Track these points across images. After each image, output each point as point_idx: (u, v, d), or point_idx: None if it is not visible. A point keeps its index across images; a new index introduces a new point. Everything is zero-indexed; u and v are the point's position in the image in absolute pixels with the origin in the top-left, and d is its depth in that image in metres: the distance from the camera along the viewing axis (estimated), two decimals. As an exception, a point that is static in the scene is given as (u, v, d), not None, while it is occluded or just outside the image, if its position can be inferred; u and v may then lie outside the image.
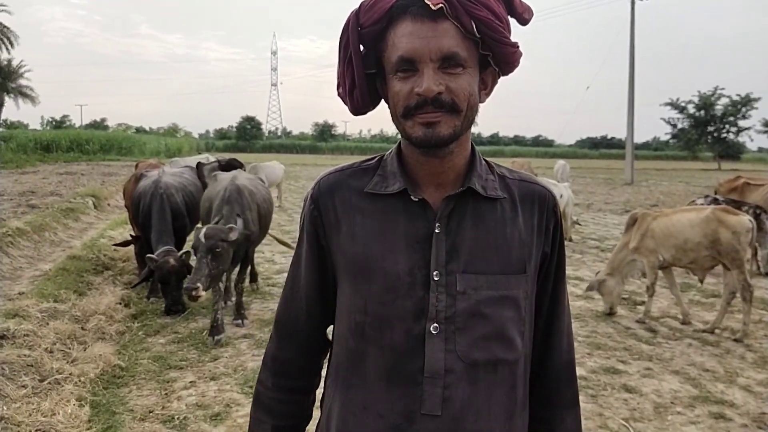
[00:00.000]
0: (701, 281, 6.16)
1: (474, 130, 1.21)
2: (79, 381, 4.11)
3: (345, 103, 1.19)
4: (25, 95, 38.40)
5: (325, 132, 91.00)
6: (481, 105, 1.15)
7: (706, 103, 53.55)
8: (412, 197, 1.14)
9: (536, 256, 1.19)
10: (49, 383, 3.99)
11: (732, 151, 58.27)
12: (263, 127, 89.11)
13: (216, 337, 5.19)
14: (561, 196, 10.97)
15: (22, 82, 38.35)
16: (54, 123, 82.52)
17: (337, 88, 1.19)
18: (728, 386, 4.52)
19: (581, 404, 4.08)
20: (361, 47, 1.13)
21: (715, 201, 7.95)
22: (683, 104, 54.82)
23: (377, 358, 1.13)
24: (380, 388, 1.13)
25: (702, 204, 7.63)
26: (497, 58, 1.13)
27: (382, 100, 1.19)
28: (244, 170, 8.47)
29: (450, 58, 1.05)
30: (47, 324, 4.98)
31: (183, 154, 33.27)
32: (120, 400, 4.08)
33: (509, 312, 1.15)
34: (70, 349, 4.65)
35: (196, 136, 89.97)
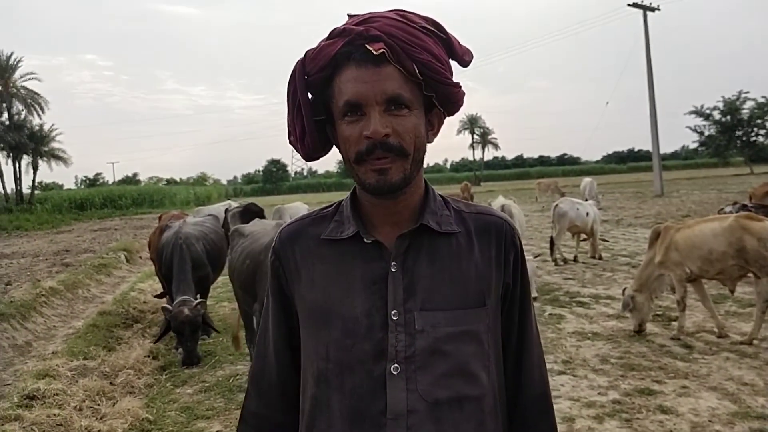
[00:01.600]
0: (732, 291, 5.97)
1: (497, 153, 1.23)
2: (107, 437, 4.14)
3: (297, 150, 1.21)
4: (57, 157, 39.61)
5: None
6: (429, 145, 1.17)
7: (731, 108, 52.62)
8: (365, 239, 1.15)
9: (497, 287, 1.18)
10: (77, 442, 4.04)
11: (764, 154, 56.85)
12: (289, 168, 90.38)
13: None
14: (587, 214, 10.85)
15: (54, 145, 39.58)
16: (88, 181, 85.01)
17: (288, 137, 1.21)
18: (769, 400, 4.34)
19: (615, 429, 3.96)
20: (309, 95, 1.16)
21: (744, 207, 7.76)
22: (708, 111, 53.98)
23: (341, 403, 1.12)
24: (345, 430, 1.12)
25: (730, 212, 7.46)
26: (441, 98, 1.16)
27: (334, 146, 1.21)
28: (263, 214, 8.61)
29: (394, 100, 1.07)
30: (77, 382, 5.06)
31: (212, 202, 33.88)
32: (148, 454, 4.10)
33: (471, 347, 1.13)
34: (98, 405, 4.71)
35: (225, 182, 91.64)
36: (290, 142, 1.22)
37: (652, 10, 30.72)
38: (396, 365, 1.10)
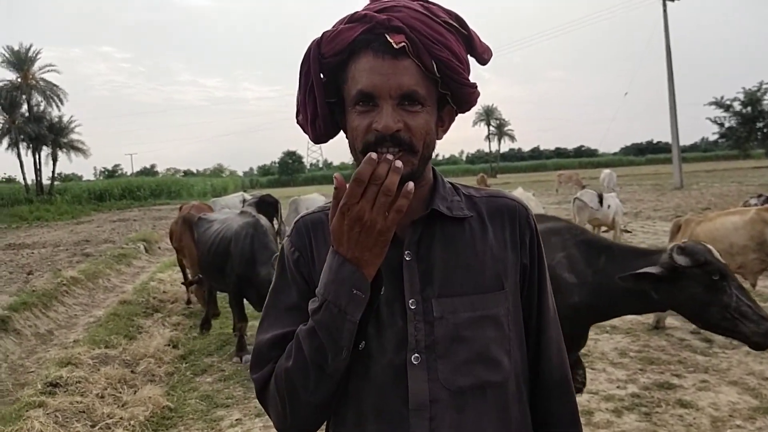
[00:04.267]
0: (753, 285, 5.90)
1: (513, 145, 1.21)
2: (129, 425, 4.21)
3: (305, 131, 1.18)
4: (76, 149, 39.99)
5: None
6: (439, 142, 1.15)
7: (752, 99, 51.57)
8: None
9: (514, 270, 1.17)
10: (100, 428, 4.11)
11: (786, 146, 55.91)
12: (304, 160, 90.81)
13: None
14: (609, 206, 10.67)
15: (73, 136, 39.93)
16: (106, 173, 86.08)
17: (297, 116, 1.19)
18: (791, 395, 4.29)
19: (634, 423, 3.94)
20: (322, 76, 1.13)
21: None
22: (728, 102, 53.05)
23: (367, 393, 1.11)
24: (371, 423, 1.11)
25: (755, 204, 7.35)
26: (456, 97, 1.14)
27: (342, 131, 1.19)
28: (278, 205, 8.58)
29: (409, 95, 1.05)
30: (98, 370, 5.14)
31: (228, 193, 34.09)
32: (169, 441, 4.16)
33: (491, 332, 1.12)
34: (120, 393, 4.78)
35: (241, 174, 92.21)
36: (298, 122, 1.19)
37: (672, -1, 30.25)
38: (417, 355, 1.08)
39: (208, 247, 5.99)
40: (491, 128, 79.28)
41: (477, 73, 1.15)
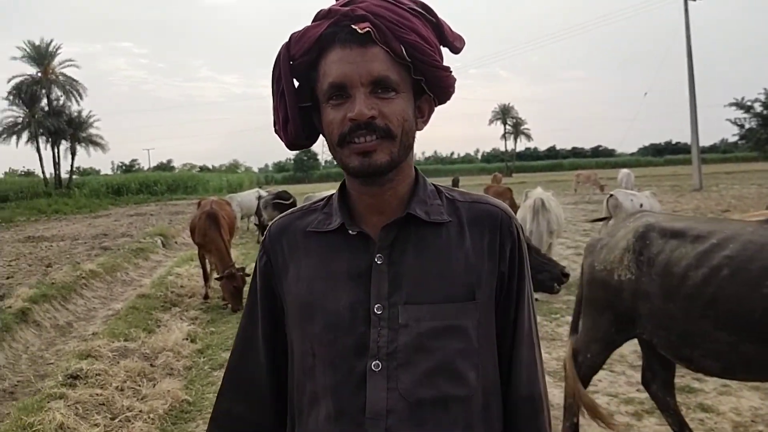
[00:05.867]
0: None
1: (530, 144, 1.18)
2: (149, 418, 4.25)
3: (280, 138, 1.17)
4: (95, 143, 40.45)
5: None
6: (418, 132, 1.13)
7: (773, 100, 50.95)
8: (350, 231, 1.11)
9: (489, 281, 1.11)
10: (120, 421, 4.15)
11: (807, 149, 55.07)
12: (319, 157, 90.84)
13: None
14: (641, 206, 10.37)
15: (92, 131, 40.42)
16: (124, 167, 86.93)
17: (274, 125, 1.17)
18: (816, 401, 4.22)
19: (654, 426, 3.90)
20: (295, 82, 1.12)
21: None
22: (749, 103, 52.36)
23: (327, 399, 1.08)
24: (330, 427, 1.08)
25: (776, 207, 7.24)
26: (430, 82, 1.11)
27: (320, 136, 1.17)
28: (295, 203, 8.58)
29: (381, 81, 1.03)
30: (118, 363, 5.19)
31: (243, 189, 34.30)
32: (187, 435, 4.19)
33: (457, 344, 1.07)
34: (139, 386, 4.83)
35: (256, 170, 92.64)
36: (275, 131, 1.17)
37: (694, -2, 29.90)
38: (377, 362, 1.05)
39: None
40: (507, 127, 79.06)
41: (494, 72, 1.12)
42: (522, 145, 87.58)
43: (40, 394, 4.52)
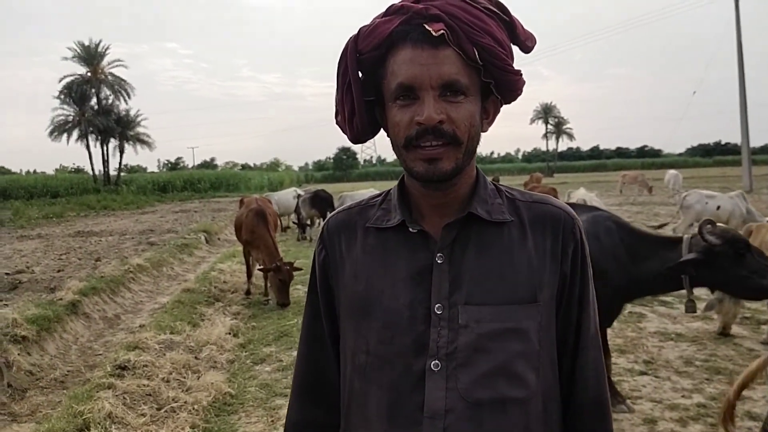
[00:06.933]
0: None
1: (572, 144, 1.18)
2: (193, 409, 4.35)
3: (344, 131, 1.15)
4: (142, 141, 41.57)
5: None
6: (483, 134, 1.11)
7: (831, 99, 48.90)
8: (410, 228, 1.10)
9: (551, 283, 1.09)
10: (166, 411, 4.26)
11: None
12: (358, 156, 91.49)
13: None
14: (718, 208, 10.01)
15: (140, 129, 41.58)
16: (169, 165, 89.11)
17: (336, 116, 1.16)
18: None
19: (700, 434, 3.79)
20: (360, 74, 1.10)
21: None
22: (805, 102, 50.35)
23: (379, 398, 1.08)
24: (381, 429, 1.07)
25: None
26: (500, 86, 1.09)
27: (382, 129, 1.16)
28: (332, 201, 8.59)
29: (451, 85, 1.01)
30: (164, 355, 5.32)
31: (284, 187, 34.71)
32: (230, 427, 4.27)
33: (517, 345, 1.05)
34: (184, 378, 4.94)
35: (296, 169, 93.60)
36: (337, 123, 1.16)
37: (747, -6, 28.93)
38: (436, 361, 1.04)
39: None
40: (549, 126, 77.89)
41: (536, 70, 1.11)
42: (564, 144, 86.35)
43: (89, 384, 4.68)
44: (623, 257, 3.84)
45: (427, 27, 1.00)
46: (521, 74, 1.10)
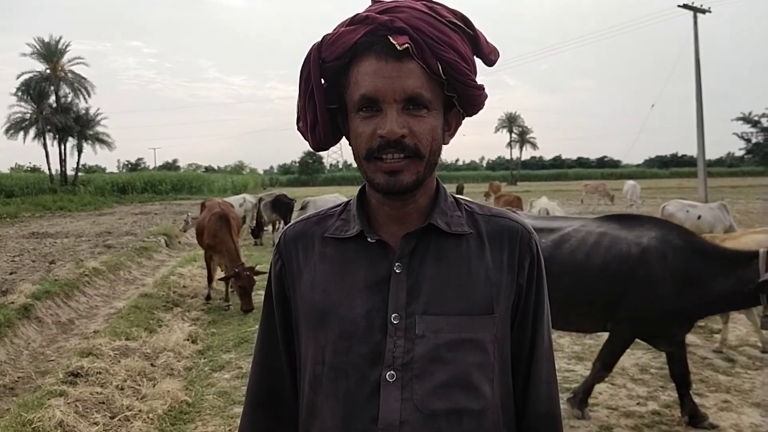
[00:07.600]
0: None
1: (535, 153, 1.19)
2: (148, 417, 4.24)
3: (305, 138, 1.15)
4: (101, 141, 40.56)
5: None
6: (444, 147, 1.12)
7: (781, 115, 50.84)
8: (369, 239, 1.10)
9: (507, 295, 1.10)
10: (119, 420, 4.15)
11: (813, 164, 54.94)
12: (324, 160, 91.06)
13: None
14: (699, 217, 10.14)
15: (99, 129, 40.57)
16: (129, 166, 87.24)
17: (297, 122, 1.15)
18: (817, 420, 4.20)
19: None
20: (323, 81, 1.09)
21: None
22: (756, 118, 52.31)
23: (334, 410, 1.07)
24: None
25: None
26: (462, 100, 1.10)
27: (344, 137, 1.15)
28: (293, 205, 8.52)
29: (414, 99, 1.01)
30: (119, 362, 5.19)
31: (248, 191, 34.32)
32: (186, 436, 4.19)
33: (474, 357, 1.06)
34: (140, 385, 4.83)
35: (261, 172, 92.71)
36: (299, 129, 1.16)
37: (703, 11, 29.83)
38: (392, 372, 1.03)
39: None
40: (513, 135, 79.02)
41: (500, 79, 1.12)
42: (527, 153, 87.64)
43: (40, 391, 4.53)
44: (691, 277, 3.80)
45: (391, 39, 1.00)
46: (483, 89, 1.11)
